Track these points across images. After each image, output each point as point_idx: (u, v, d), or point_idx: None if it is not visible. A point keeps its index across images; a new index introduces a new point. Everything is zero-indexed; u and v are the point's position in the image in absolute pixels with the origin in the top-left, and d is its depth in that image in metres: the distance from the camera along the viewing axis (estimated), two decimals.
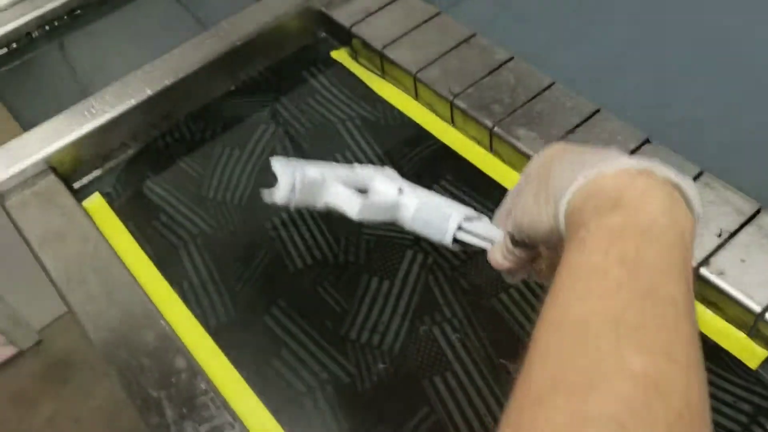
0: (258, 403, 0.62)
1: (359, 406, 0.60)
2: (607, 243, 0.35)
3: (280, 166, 0.52)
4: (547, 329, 0.34)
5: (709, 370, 0.58)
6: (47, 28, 1.01)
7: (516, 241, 0.48)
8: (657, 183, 0.38)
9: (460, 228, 0.53)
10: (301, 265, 0.70)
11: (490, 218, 0.54)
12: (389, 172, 0.56)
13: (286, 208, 0.74)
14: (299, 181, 0.52)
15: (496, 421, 0.57)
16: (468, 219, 0.54)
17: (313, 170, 0.53)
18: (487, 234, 0.53)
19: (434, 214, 0.54)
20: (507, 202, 0.51)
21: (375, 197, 0.53)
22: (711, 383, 0.57)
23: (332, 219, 0.72)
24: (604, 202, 0.37)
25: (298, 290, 0.68)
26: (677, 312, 0.33)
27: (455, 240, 0.53)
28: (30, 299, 1.76)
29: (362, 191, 0.54)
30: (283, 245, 0.72)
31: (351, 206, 0.54)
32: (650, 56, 0.76)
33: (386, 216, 0.54)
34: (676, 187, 0.38)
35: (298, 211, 0.74)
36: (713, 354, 0.59)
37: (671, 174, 0.38)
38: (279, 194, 0.52)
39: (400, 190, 0.55)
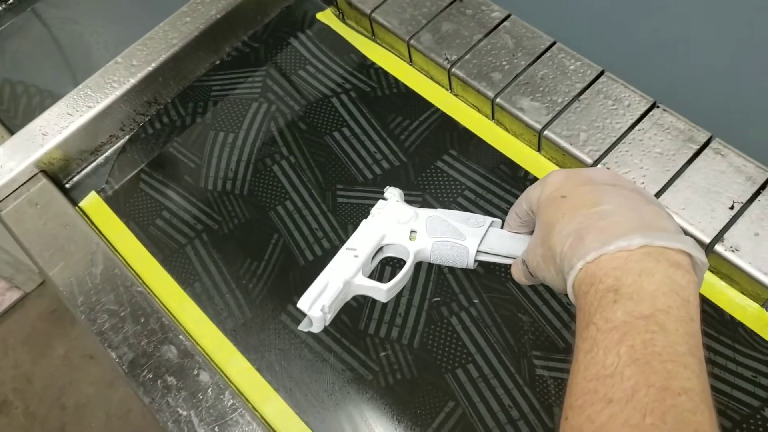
0: (284, 406, 0.63)
1: (385, 404, 0.62)
2: (617, 342, 0.38)
3: (306, 304, 0.58)
4: None
5: (727, 345, 0.60)
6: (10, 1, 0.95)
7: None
8: (652, 257, 0.41)
9: (478, 251, 0.58)
10: (311, 257, 0.69)
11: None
12: (398, 211, 0.62)
13: (289, 196, 0.73)
14: (327, 306, 0.58)
15: (521, 412, 0.59)
16: (482, 241, 0.58)
17: (333, 284, 0.58)
18: (504, 250, 0.58)
19: (450, 251, 0.59)
20: (519, 207, 0.55)
21: (393, 280, 0.59)
22: (730, 359, 0.59)
23: (338, 207, 0.71)
24: (605, 292, 0.41)
25: (310, 284, 0.68)
26: (692, 402, 0.37)
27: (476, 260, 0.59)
28: None
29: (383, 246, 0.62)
30: (291, 237, 0.71)
31: (378, 295, 0.60)
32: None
33: (408, 276, 0.60)
34: (674, 249, 0.42)
35: (302, 199, 0.73)
36: (731, 328, 0.60)
37: (667, 241, 0.42)
38: (316, 327, 0.59)
39: (412, 234, 0.60)
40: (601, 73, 0.70)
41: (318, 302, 0.58)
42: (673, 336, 0.38)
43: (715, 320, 0.60)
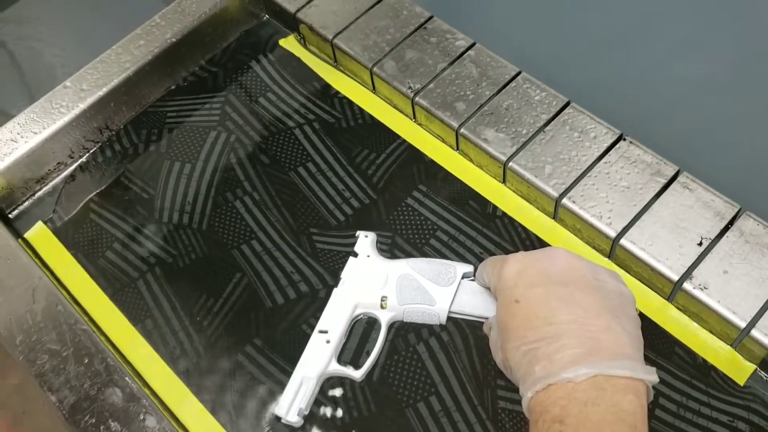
0: None
1: None
2: None
3: (283, 410, 0.58)
4: None
5: (701, 390, 0.58)
6: None
7: None
8: (598, 386, 0.42)
9: (450, 311, 0.60)
10: (281, 300, 0.66)
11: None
12: (368, 273, 0.62)
13: (255, 236, 0.70)
14: (305, 407, 0.58)
15: None
16: (453, 300, 0.59)
17: (307, 383, 0.59)
18: (475, 310, 0.59)
19: (422, 316, 0.60)
20: (481, 277, 0.58)
21: (367, 363, 0.60)
22: (704, 404, 0.57)
23: (318, 253, 0.68)
24: (551, 422, 0.42)
25: (277, 328, 0.64)
26: None
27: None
28: None
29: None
30: (258, 277, 0.67)
31: (354, 377, 0.60)
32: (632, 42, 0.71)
33: (381, 349, 0.61)
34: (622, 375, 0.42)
35: (272, 240, 0.69)
36: (703, 372, 0.58)
37: (614, 369, 0.42)
38: (296, 424, 0.58)
39: (383, 301, 0.61)
40: (567, 104, 0.69)
41: (294, 405, 0.58)
42: None
43: (688, 364, 0.59)
